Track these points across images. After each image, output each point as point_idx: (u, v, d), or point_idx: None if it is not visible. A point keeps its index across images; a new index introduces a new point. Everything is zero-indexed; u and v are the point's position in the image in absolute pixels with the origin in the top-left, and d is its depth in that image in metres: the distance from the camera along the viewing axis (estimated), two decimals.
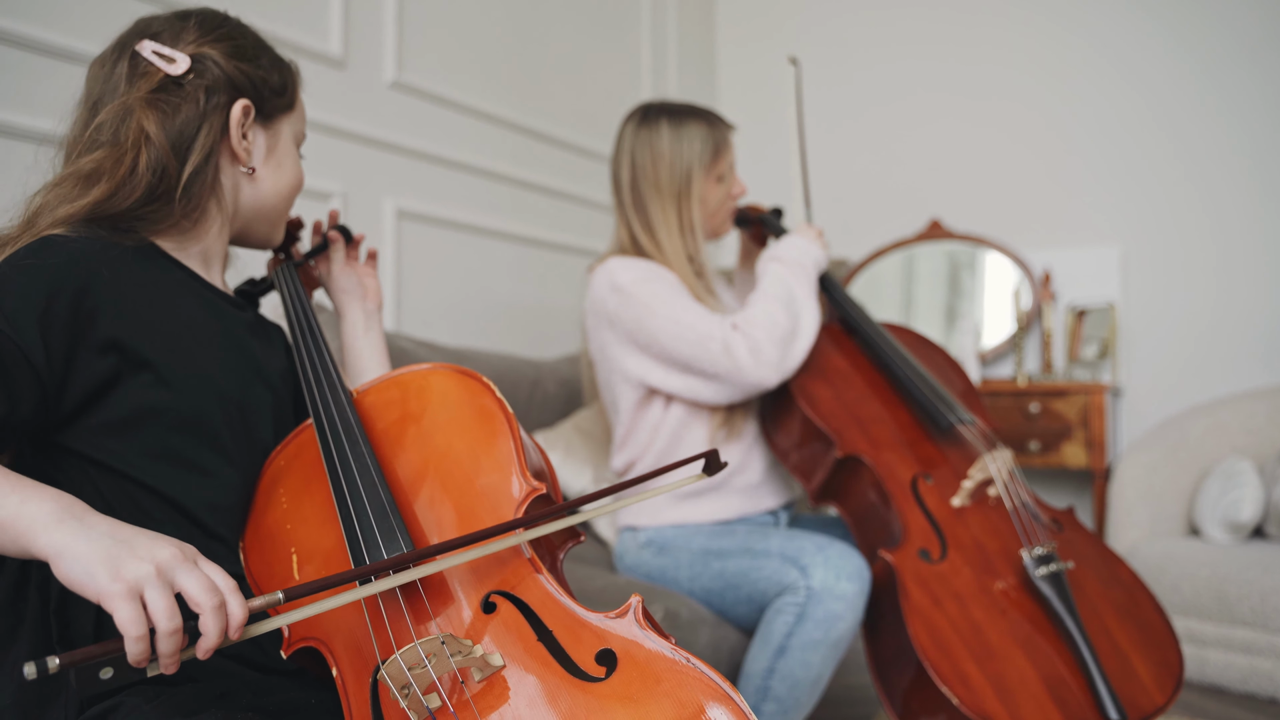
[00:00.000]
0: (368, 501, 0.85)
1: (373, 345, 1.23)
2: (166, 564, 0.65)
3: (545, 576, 0.82)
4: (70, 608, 0.82)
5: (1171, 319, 3.03)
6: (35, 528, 0.67)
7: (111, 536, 0.66)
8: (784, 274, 1.70)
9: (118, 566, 0.63)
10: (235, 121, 0.97)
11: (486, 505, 0.86)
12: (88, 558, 0.64)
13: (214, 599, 0.66)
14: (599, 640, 0.77)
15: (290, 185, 1.07)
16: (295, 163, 1.08)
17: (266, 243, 1.11)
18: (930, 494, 1.53)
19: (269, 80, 1.01)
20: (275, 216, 1.08)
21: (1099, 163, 3.13)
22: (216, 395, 0.93)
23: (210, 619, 0.66)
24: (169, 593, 0.64)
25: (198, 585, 0.66)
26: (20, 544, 0.68)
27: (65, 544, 0.65)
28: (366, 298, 1.24)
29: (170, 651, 0.64)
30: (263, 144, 1.02)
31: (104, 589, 0.62)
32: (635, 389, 1.73)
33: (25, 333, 0.78)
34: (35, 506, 0.68)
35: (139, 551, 0.65)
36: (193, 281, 0.98)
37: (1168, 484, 2.67)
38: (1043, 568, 1.42)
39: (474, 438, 0.90)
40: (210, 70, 0.96)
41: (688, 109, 1.78)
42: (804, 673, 1.46)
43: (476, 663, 0.76)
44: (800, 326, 1.65)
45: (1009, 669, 1.32)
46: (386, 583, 0.76)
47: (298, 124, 1.08)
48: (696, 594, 1.62)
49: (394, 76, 2.32)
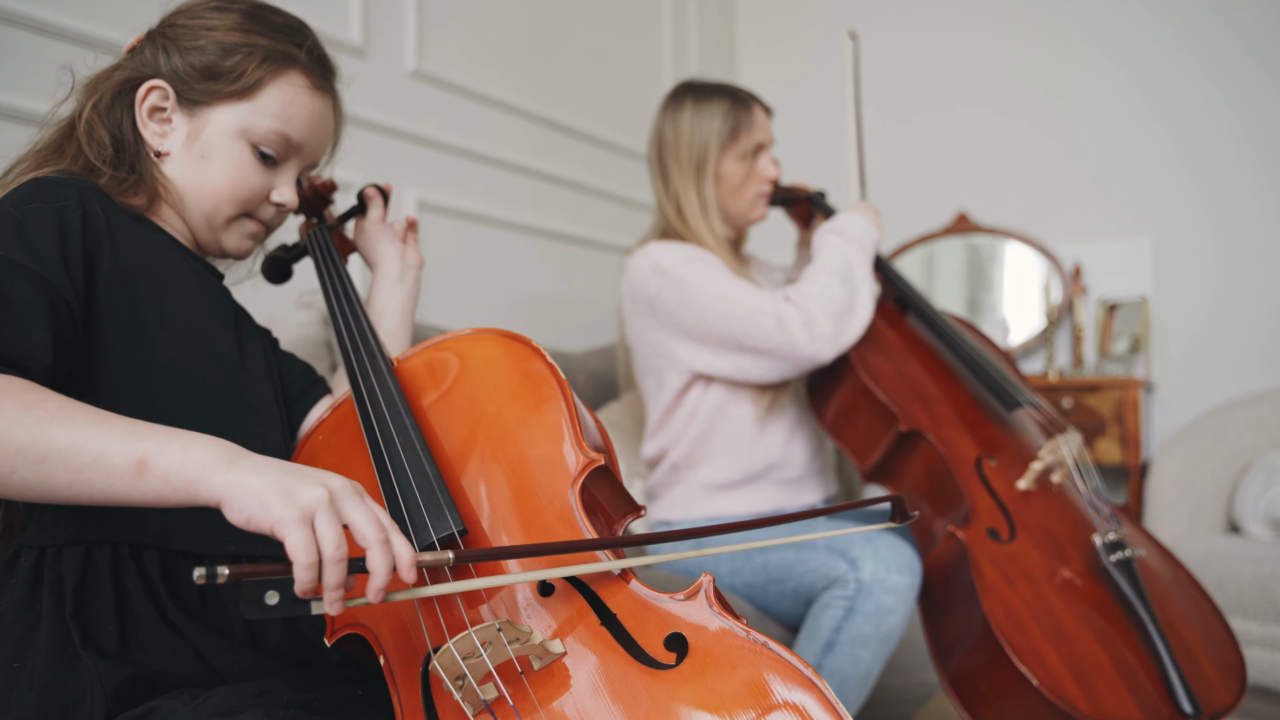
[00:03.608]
0: (412, 476, 0.79)
1: (399, 301, 1.13)
2: (338, 492, 0.65)
3: (606, 555, 0.76)
4: (87, 609, 0.77)
5: (1205, 311, 2.96)
6: (207, 472, 0.65)
7: (280, 469, 0.66)
8: (842, 247, 1.65)
9: (292, 492, 0.63)
10: (139, 101, 0.93)
11: (540, 478, 0.80)
12: (261, 490, 0.63)
13: (379, 533, 0.64)
14: (667, 624, 0.71)
15: (220, 182, 0.94)
16: (234, 159, 0.94)
17: (214, 245, 0.99)
18: (995, 475, 1.48)
19: (194, 64, 0.92)
20: (205, 213, 0.95)
21: (1130, 152, 3.06)
22: (210, 355, 0.89)
23: (377, 553, 0.64)
24: (338, 521, 0.64)
25: (365, 517, 0.65)
26: (189, 492, 0.66)
27: (239, 480, 0.64)
28: (405, 256, 1.15)
29: (335, 583, 0.62)
30: (183, 130, 0.94)
31: (277, 515, 0.62)
32: (680, 375, 1.67)
33: (54, 270, 0.77)
34: (201, 452, 0.67)
35: (310, 478, 0.65)
36: (178, 245, 0.94)
37: (1207, 480, 2.60)
38: (1115, 554, 1.37)
39: (524, 405, 0.84)
40: (142, 54, 0.95)
41: (716, 87, 1.74)
42: (853, 669, 1.39)
43: (535, 650, 0.70)
44: (857, 301, 1.60)
45: (1084, 653, 1.26)
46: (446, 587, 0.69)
47: (253, 119, 0.93)
48: (737, 588, 1.55)
49: (414, 66, 2.28)
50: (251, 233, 1.00)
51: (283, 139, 0.95)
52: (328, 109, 1.01)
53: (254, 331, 1.00)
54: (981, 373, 1.59)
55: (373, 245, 1.16)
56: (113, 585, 0.79)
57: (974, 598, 1.30)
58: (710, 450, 1.67)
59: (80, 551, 0.79)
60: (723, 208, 1.74)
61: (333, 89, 1.02)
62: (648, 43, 3.22)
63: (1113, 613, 1.34)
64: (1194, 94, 2.96)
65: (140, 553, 0.81)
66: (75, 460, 0.66)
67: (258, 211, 0.98)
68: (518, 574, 0.73)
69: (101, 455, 0.66)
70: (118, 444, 0.67)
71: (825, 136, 3.33)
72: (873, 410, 1.57)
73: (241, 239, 0.99)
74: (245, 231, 0.99)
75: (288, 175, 0.99)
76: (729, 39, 3.75)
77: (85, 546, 0.79)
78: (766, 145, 1.75)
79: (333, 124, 1.03)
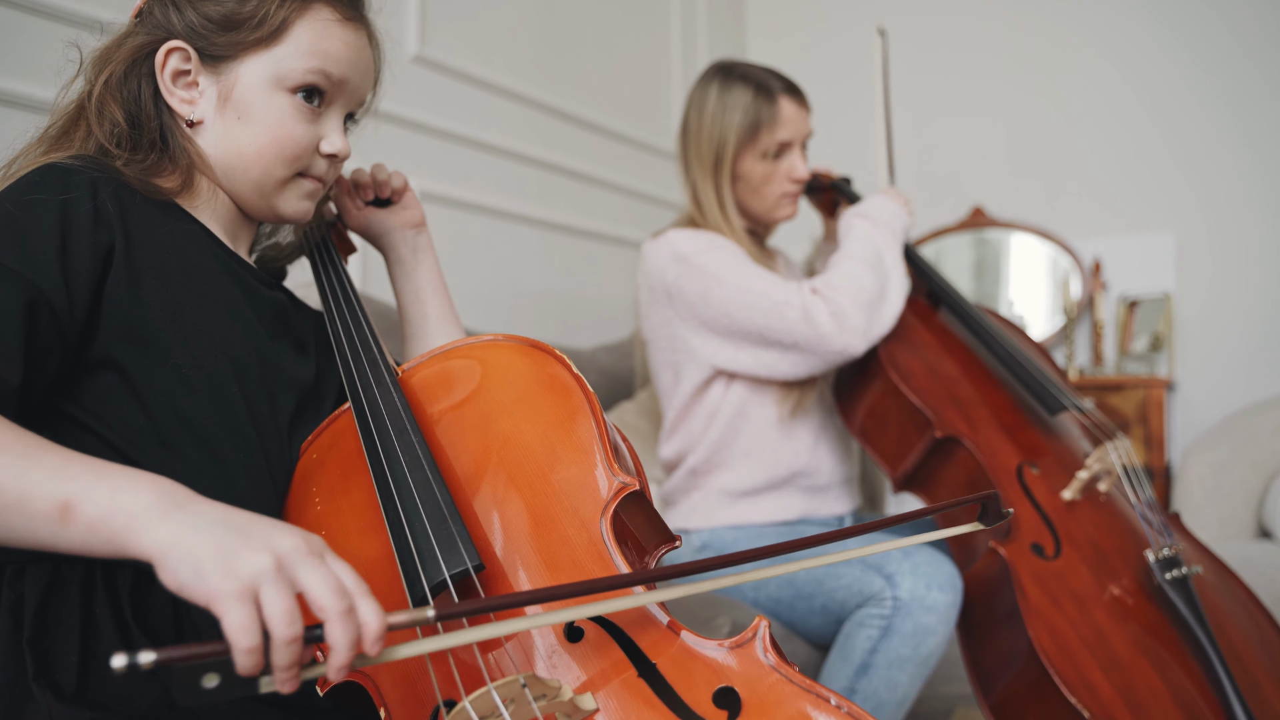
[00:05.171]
0: (421, 502, 0.69)
1: (427, 282, 1.04)
2: (288, 556, 0.54)
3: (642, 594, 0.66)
4: (49, 635, 0.67)
5: (1230, 309, 2.87)
6: (136, 524, 0.56)
7: (224, 525, 0.55)
8: (872, 233, 1.56)
9: (230, 561, 0.52)
10: (159, 67, 0.84)
11: (566, 505, 0.70)
12: (197, 553, 0.53)
13: (341, 602, 0.53)
14: (716, 676, 0.61)
15: (262, 142, 0.85)
16: (275, 113, 0.85)
17: (269, 213, 0.91)
18: (1038, 485, 1.38)
19: (210, 15, 0.83)
20: (254, 180, 0.87)
21: (1153, 146, 2.97)
22: (230, 362, 0.79)
23: (338, 626, 0.53)
24: (289, 592, 0.52)
25: (323, 584, 0.53)
26: (115, 544, 0.56)
27: (174, 539, 0.54)
28: (405, 225, 1.05)
29: (287, 664, 0.51)
30: (213, 93, 0.85)
31: (213, 589, 0.51)
32: (700, 370, 1.57)
33: (44, 274, 0.69)
34: (132, 498, 0.57)
35: (254, 541, 0.54)
36: (210, 240, 0.85)
37: (1236, 484, 2.51)
38: (1170, 571, 1.27)
39: (547, 422, 0.74)
40: (152, 16, 0.86)
41: (746, 73, 1.60)
42: (889, 693, 1.30)
43: (564, 708, 0.61)
44: (889, 290, 1.51)
45: (1139, 681, 1.17)
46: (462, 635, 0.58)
47: (287, 62, 0.84)
48: (762, 603, 1.46)
49: (417, 50, 2.18)
50: (309, 191, 0.90)
51: (323, 76, 0.86)
52: (363, 39, 0.91)
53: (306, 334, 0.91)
54: (1023, 373, 1.49)
55: (374, 237, 1.07)
56: (80, 613, 0.69)
57: (1018, 620, 1.21)
58: (732, 455, 1.58)
59: (46, 569, 0.70)
60: (743, 206, 1.63)
61: (364, 18, 0.92)
62: (656, 32, 3.13)
63: (1168, 635, 1.25)
64: (1220, 87, 2.87)
65: (114, 574, 0.72)
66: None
67: (310, 168, 0.89)
68: (540, 617, 0.63)
69: (24, 497, 0.57)
70: (41, 484, 0.58)
71: (836, 130, 3.22)
72: (905, 414, 1.47)
73: (300, 200, 0.90)
74: (302, 192, 0.89)
75: (334, 122, 0.89)
76: (739, 30, 3.65)
77: (53, 564, 0.70)
78: (795, 142, 1.62)
79: (371, 56, 0.93)
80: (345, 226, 1.07)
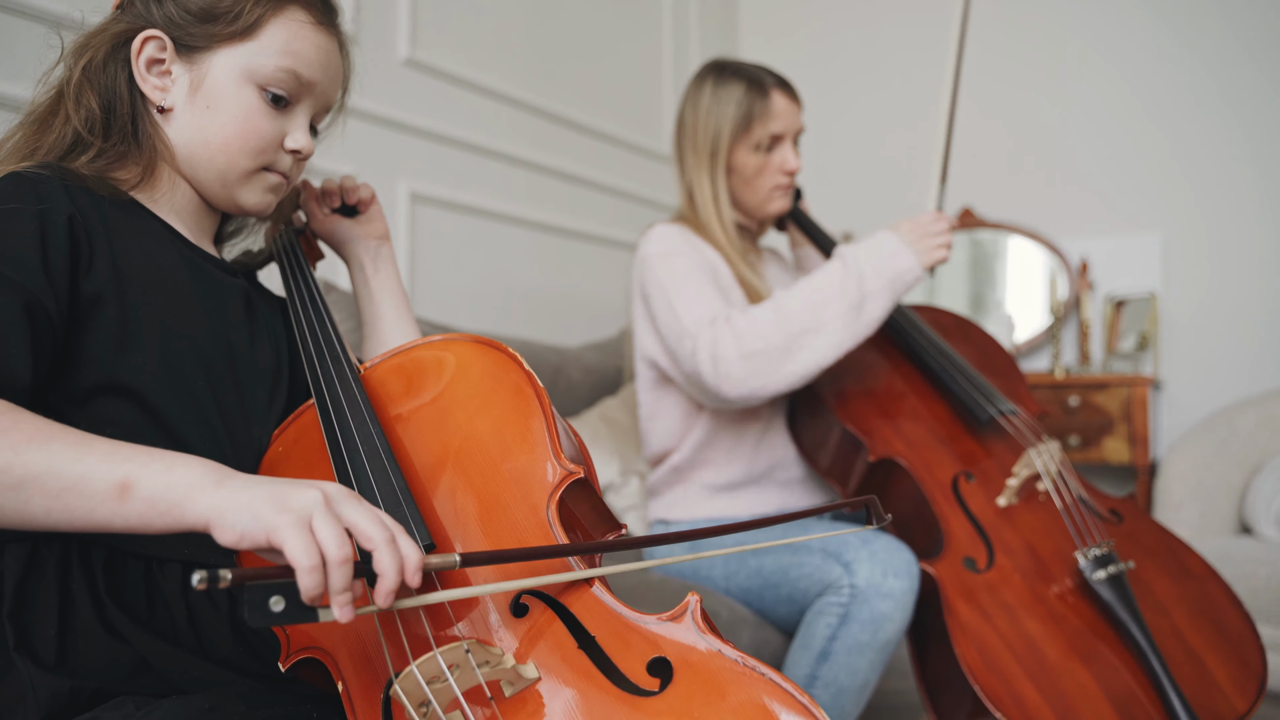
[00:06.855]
0: (377, 488, 0.74)
1: (384, 288, 1.09)
2: (333, 495, 0.62)
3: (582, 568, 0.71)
4: (27, 610, 0.72)
5: (1215, 308, 2.90)
6: (193, 493, 0.62)
7: (270, 484, 0.63)
8: (830, 282, 1.43)
9: (285, 499, 0.60)
10: (135, 54, 0.87)
11: (515, 492, 0.75)
12: (254, 502, 0.60)
13: (384, 532, 0.61)
14: (651, 647, 0.66)
15: (229, 132, 0.87)
16: (243, 104, 0.88)
17: (230, 204, 0.93)
18: (973, 495, 1.41)
19: (188, 7, 0.87)
20: (218, 170, 0.89)
21: (1139, 147, 2.99)
22: (197, 357, 0.83)
23: (384, 553, 0.60)
24: (338, 522, 0.60)
25: (367, 517, 0.62)
26: (174, 515, 0.62)
27: (228, 499, 0.61)
28: (369, 236, 1.10)
29: (342, 585, 0.59)
30: (185, 81, 0.88)
31: (272, 523, 0.59)
32: (648, 367, 1.63)
33: (34, 278, 0.73)
34: (185, 472, 0.63)
35: (301, 486, 0.62)
36: (172, 236, 0.88)
37: (1218, 480, 2.54)
38: (1100, 570, 1.30)
39: (498, 416, 0.79)
40: (133, 6, 0.89)
41: (739, 70, 1.65)
42: (849, 679, 1.34)
43: (507, 674, 0.65)
44: (800, 348, 1.40)
45: (1070, 685, 1.21)
46: (411, 601, 0.65)
47: (259, 58, 0.87)
48: (734, 593, 1.50)
49: (408, 54, 2.23)
50: (272, 185, 0.93)
51: (292, 76, 0.89)
52: (334, 46, 0.95)
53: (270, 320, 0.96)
54: (953, 385, 1.52)
55: (338, 244, 1.11)
56: (57, 588, 0.74)
57: (946, 639, 1.25)
58: (714, 453, 1.62)
59: (25, 548, 0.75)
60: (736, 199, 1.67)
61: (336, 27, 0.96)
62: (648, 34, 3.17)
63: (1106, 632, 1.28)
64: (1205, 88, 2.90)
65: (89, 552, 0.77)
66: (54, 485, 0.62)
67: (275, 163, 0.92)
68: (485, 586, 0.68)
69: (81, 479, 0.62)
70: (98, 467, 0.63)
71: (824, 136, 3.27)
72: (840, 438, 1.51)
73: (262, 194, 0.93)
74: (265, 185, 0.93)
75: (300, 120, 0.92)
76: (731, 32, 3.69)
77: (32, 542, 0.75)
78: (786, 135, 1.65)
79: (340, 64, 0.97)
80: (312, 233, 1.12)
